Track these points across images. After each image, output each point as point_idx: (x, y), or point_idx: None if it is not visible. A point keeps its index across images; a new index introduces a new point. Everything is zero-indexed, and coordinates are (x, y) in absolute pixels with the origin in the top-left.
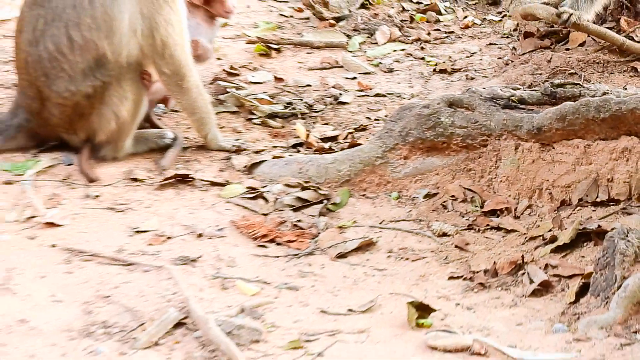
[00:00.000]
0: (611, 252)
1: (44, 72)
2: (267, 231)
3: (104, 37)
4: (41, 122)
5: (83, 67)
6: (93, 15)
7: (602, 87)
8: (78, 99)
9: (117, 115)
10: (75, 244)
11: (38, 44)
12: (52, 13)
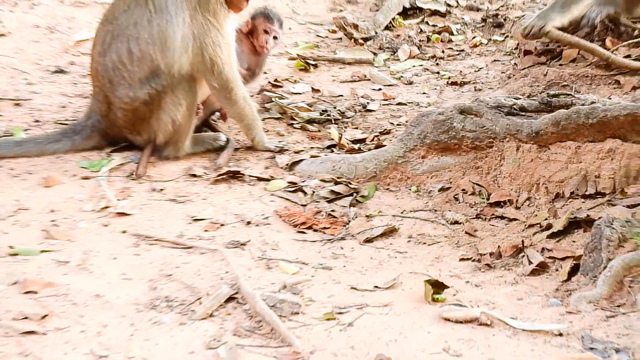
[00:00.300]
0: (598, 238)
1: (109, 80)
2: (305, 219)
3: (158, 52)
4: (109, 124)
5: (140, 76)
6: (150, 32)
7: (591, 97)
8: (137, 105)
9: (174, 119)
10: (142, 230)
11: (105, 55)
12: (117, 29)
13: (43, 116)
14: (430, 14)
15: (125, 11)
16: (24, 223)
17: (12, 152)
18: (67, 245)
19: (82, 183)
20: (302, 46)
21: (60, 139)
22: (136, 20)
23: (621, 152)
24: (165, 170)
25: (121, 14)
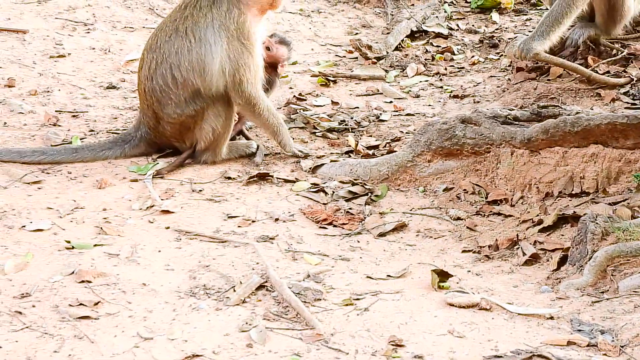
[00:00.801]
0: (584, 232)
1: (157, 100)
2: (326, 216)
3: (197, 77)
4: (158, 135)
5: (185, 97)
6: (190, 60)
7: (575, 108)
8: (183, 119)
9: (214, 128)
10: (183, 226)
11: (152, 80)
12: (161, 57)
13: (97, 126)
14: (435, 36)
15: (167, 41)
16: (79, 220)
17: (70, 158)
18: (117, 239)
19: (131, 185)
20: (323, 64)
21: (112, 147)
22: (177, 49)
23: (603, 156)
24: (204, 173)
25: (164, 44)
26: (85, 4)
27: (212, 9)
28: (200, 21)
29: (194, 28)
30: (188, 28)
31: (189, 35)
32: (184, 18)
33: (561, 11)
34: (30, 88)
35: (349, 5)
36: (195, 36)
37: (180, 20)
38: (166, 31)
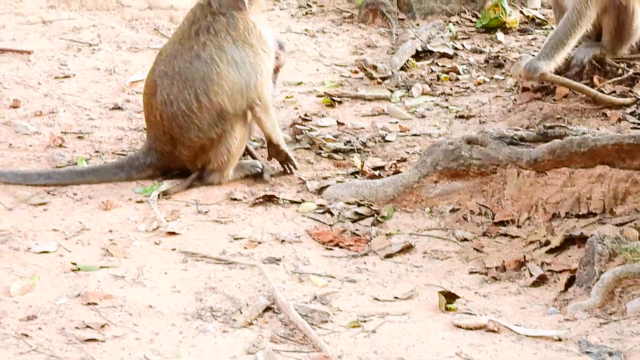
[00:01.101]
0: (591, 253)
1: (178, 125)
2: (332, 238)
3: (227, 99)
4: (172, 159)
5: (208, 120)
6: (220, 84)
7: (582, 128)
8: (204, 142)
9: (229, 150)
10: (189, 248)
11: (172, 105)
12: (182, 83)
13: (102, 147)
14: (440, 56)
15: (188, 68)
16: (85, 242)
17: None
18: (124, 261)
19: (136, 206)
20: (328, 85)
21: (118, 172)
22: (203, 75)
23: (610, 177)
24: (210, 194)
25: (185, 70)
26: (90, 25)
27: (230, 31)
28: (223, 45)
29: (218, 53)
30: (213, 53)
31: (215, 60)
32: (202, 44)
33: (566, 31)
34: (35, 109)
35: (354, 26)
36: (222, 60)
37: (200, 47)
38: (184, 58)
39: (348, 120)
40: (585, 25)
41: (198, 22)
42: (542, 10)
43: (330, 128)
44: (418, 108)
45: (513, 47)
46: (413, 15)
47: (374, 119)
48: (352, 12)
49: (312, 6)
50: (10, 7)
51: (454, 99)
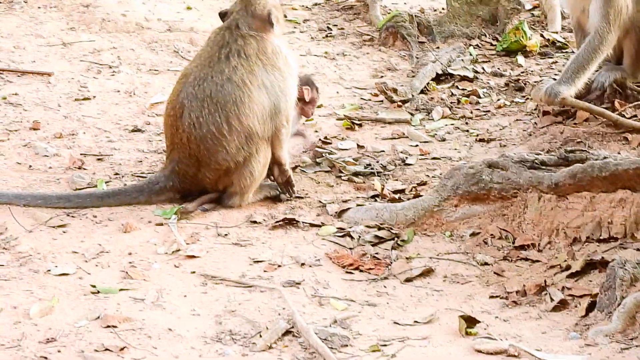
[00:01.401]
0: (612, 278)
1: (206, 147)
2: (352, 261)
3: (257, 122)
4: (195, 182)
5: (237, 143)
6: (251, 107)
7: (603, 152)
8: (230, 165)
9: (252, 173)
10: (209, 271)
11: (201, 127)
12: (213, 105)
13: (122, 170)
14: (460, 79)
15: (220, 90)
16: (105, 264)
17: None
18: (143, 284)
19: (156, 229)
20: (348, 108)
21: (137, 196)
22: (235, 98)
23: (631, 201)
24: (229, 217)
25: (216, 92)
26: (110, 47)
27: (260, 56)
28: (254, 69)
29: (250, 77)
30: (244, 77)
31: (247, 84)
32: (233, 68)
33: (587, 56)
34: (55, 131)
35: (374, 48)
36: (253, 84)
37: (231, 71)
38: (214, 81)
39: (368, 143)
40: (606, 49)
41: (228, 46)
42: (562, 34)
43: (350, 151)
44: (438, 131)
45: (534, 71)
46: (433, 38)
47: (394, 142)
48: (372, 35)
49: (333, 29)
50: (31, 29)
51: (475, 122)
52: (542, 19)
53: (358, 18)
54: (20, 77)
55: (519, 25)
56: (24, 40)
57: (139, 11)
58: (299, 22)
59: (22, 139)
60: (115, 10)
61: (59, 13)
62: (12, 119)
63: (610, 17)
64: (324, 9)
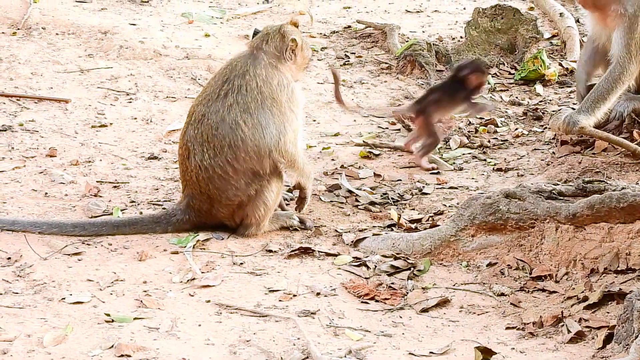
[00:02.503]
0: (630, 309)
1: (216, 186)
2: (368, 291)
3: (255, 163)
4: (210, 217)
5: (245, 181)
6: (245, 150)
7: (621, 183)
8: (241, 199)
9: (266, 203)
10: (224, 300)
11: (207, 170)
12: (212, 150)
13: (138, 197)
14: None
15: (215, 135)
16: (119, 293)
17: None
18: (158, 313)
19: (171, 257)
20: (366, 136)
21: (154, 227)
22: (231, 142)
23: None
24: (245, 246)
25: (212, 137)
26: (128, 74)
27: (262, 88)
28: (250, 106)
29: (244, 116)
30: (238, 117)
31: (240, 125)
32: (228, 107)
33: (608, 86)
34: (71, 158)
35: (391, 76)
36: (247, 124)
37: (225, 110)
38: (209, 124)
39: (385, 172)
40: (628, 80)
41: (230, 82)
42: None
43: (367, 180)
44: (456, 160)
45: (552, 100)
46: (451, 66)
47: (411, 171)
48: (390, 63)
49: (350, 57)
50: (49, 55)
51: (492, 151)
52: (560, 48)
53: (376, 46)
54: (37, 104)
55: (537, 54)
56: (42, 66)
57: (156, 38)
58: (317, 50)
59: (38, 166)
60: (133, 37)
61: (76, 40)
62: (28, 146)
63: (631, 48)
64: (342, 37)
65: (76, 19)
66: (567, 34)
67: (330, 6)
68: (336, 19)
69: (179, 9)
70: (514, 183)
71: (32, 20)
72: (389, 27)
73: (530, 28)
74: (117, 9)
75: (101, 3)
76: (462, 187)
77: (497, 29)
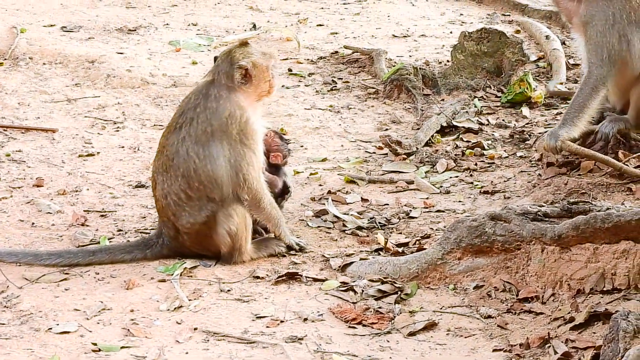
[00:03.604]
0: (615, 330)
1: (173, 213)
2: (355, 315)
3: (209, 190)
4: (178, 245)
5: (199, 206)
6: (199, 180)
7: (606, 203)
8: (198, 227)
9: (229, 231)
10: (211, 327)
11: (166, 197)
12: (169, 180)
13: (125, 226)
14: (465, 131)
15: (171, 165)
16: (106, 322)
17: (86, 261)
18: (145, 341)
19: (158, 285)
20: (353, 161)
21: (132, 250)
22: (184, 173)
23: (634, 252)
24: (232, 272)
25: (169, 167)
26: (115, 102)
27: (212, 121)
28: (202, 139)
29: (195, 148)
30: (189, 150)
31: (192, 157)
32: (182, 139)
33: (583, 95)
34: (58, 187)
35: (378, 101)
36: (199, 156)
37: (179, 143)
38: (167, 155)
39: (372, 196)
40: (602, 86)
41: (185, 115)
42: (567, 85)
43: (354, 205)
44: (443, 184)
45: (538, 122)
46: (438, 90)
47: (398, 195)
48: (377, 87)
49: (337, 82)
50: (36, 85)
51: (479, 174)
52: (547, 70)
53: (363, 71)
54: (24, 134)
55: (523, 77)
56: (29, 96)
57: (144, 66)
58: (304, 76)
59: (25, 196)
60: (120, 66)
61: (64, 69)
62: (15, 176)
63: (598, 52)
64: (329, 62)
65: (63, 49)
66: (553, 56)
67: (318, 32)
68: (323, 45)
69: (166, 37)
70: (500, 205)
71: (19, 50)
72: (376, 52)
73: (517, 51)
74: (104, 38)
75: (88, 32)
76: (449, 210)
77: (484, 52)
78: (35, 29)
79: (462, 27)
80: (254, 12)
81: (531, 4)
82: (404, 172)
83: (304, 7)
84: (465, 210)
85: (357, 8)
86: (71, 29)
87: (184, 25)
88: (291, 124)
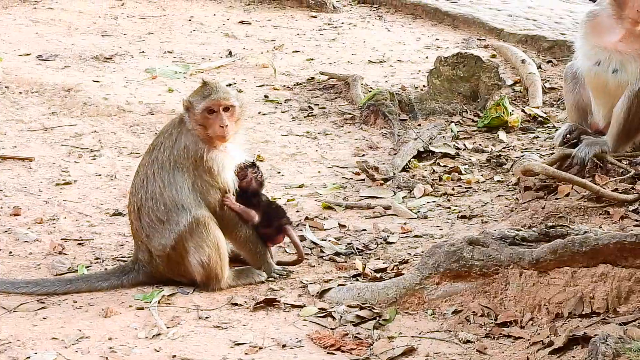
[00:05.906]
0: (595, 353)
1: (147, 234)
2: (334, 342)
3: (175, 215)
4: (154, 270)
5: (168, 229)
6: (165, 204)
7: (584, 227)
8: (169, 251)
9: (201, 261)
10: (190, 355)
11: (140, 220)
12: (140, 202)
13: (103, 254)
14: (442, 156)
15: (142, 187)
16: (84, 350)
17: (63, 290)
18: None
19: (137, 313)
20: (330, 187)
21: (109, 278)
22: (152, 195)
23: (612, 276)
24: (211, 299)
25: (141, 189)
26: (92, 131)
27: (173, 149)
28: (166, 165)
29: (160, 173)
30: (156, 173)
31: (157, 181)
32: (152, 162)
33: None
34: (35, 216)
35: (355, 127)
36: (164, 180)
37: (150, 165)
38: (140, 176)
39: (350, 222)
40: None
41: (159, 138)
42: (544, 109)
43: (332, 230)
44: (420, 209)
45: (515, 146)
46: (415, 115)
47: (375, 220)
48: (353, 113)
49: (314, 108)
50: (12, 114)
51: (456, 199)
52: (523, 95)
53: (339, 97)
54: (1, 163)
55: (500, 101)
56: (5, 125)
57: (120, 94)
58: (280, 102)
59: (2, 225)
60: (96, 94)
61: (40, 98)
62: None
63: None
64: (305, 89)
65: (39, 77)
66: (529, 80)
67: (294, 58)
68: (299, 71)
69: (143, 64)
70: (478, 230)
71: None
72: (352, 77)
73: (492, 75)
74: (80, 67)
75: (64, 61)
76: (427, 235)
77: (460, 77)
78: (11, 58)
79: (437, 52)
80: (229, 39)
81: (507, 29)
82: (382, 197)
83: (280, 33)
84: (443, 235)
85: (333, 34)
86: (47, 58)
87: (160, 53)
88: (268, 150)
